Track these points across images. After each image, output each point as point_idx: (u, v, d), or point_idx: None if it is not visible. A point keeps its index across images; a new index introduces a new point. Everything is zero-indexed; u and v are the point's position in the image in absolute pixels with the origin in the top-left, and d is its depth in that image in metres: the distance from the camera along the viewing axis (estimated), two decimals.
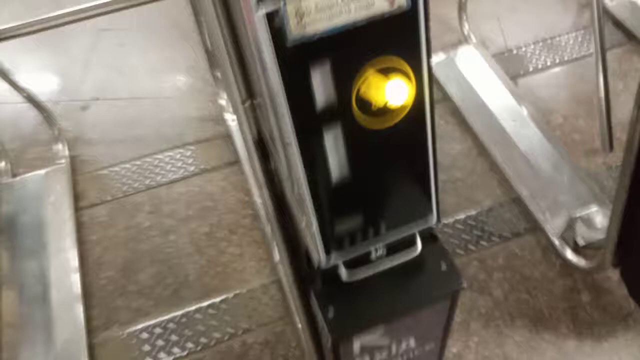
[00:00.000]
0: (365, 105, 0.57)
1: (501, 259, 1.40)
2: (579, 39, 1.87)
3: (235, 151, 1.68)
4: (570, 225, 1.41)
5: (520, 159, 1.55)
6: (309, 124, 0.57)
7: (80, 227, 1.57)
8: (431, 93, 0.59)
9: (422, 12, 0.54)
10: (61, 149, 1.71)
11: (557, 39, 1.87)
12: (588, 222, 1.41)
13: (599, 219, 1.41)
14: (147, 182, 1.65)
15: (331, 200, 0.64)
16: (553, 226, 1.42)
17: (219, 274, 1.45)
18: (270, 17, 0.49)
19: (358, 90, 0.56)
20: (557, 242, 1.39)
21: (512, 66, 1.80)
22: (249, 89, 0.80)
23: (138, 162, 1.70)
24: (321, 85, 0.54)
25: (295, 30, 0.50)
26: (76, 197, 1.63)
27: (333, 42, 0.52)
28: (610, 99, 1.35)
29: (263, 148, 0.83)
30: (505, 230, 1.45)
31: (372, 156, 0.62)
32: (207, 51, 1.77)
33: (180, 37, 2.00)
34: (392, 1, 0.51)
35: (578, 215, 1.41)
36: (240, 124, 0.78)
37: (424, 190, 0.68)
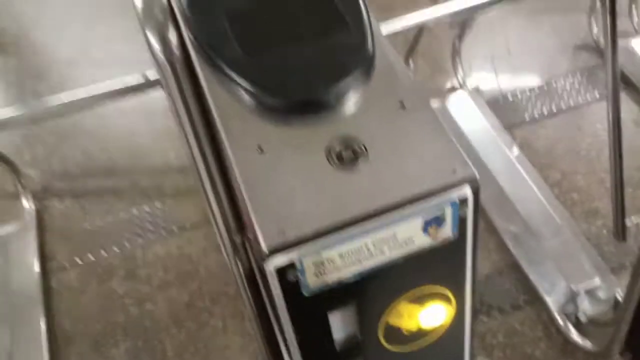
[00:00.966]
0: (393, 332, 0.48)
1: (501, 336, 1.33)
2: (576, 85, 1.80)
3: None
4: (572, 298, 1.34)
5: (518, 221, 1.48)
6: None
7: (48, 295, 1.45)
8: (474, 308, 0.50)
9: (471, 240, 0.44)
10: (27, 203, 1.58)
11: (553, 84, 1.80)
12: (590, 295, 1.35)
13: (601, 292, 1.34)
14: (121, 241, 1.53)
15: None
16: (553, 299, 1.35)
17: (199, 350, 1.35)
18: (283, 272, 0.40)
19: (386, 322, 0.47)
20: (558, 318, 1.32)
21: (507, 115, 1.73)
22: (240, 223, 0.70)
23: (111, 218, 1.58)
24: (342, 326, 0.45)
25: (314, 282, 0.41)
26: (44, 260, 1.50)
27: (360, 285, 0.43)
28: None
29: (255, 284, 0.73)
30: (505, 303, 1.38)
31: None
32: None
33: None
34: (435, 235, 0.42)
35: (579, 288, 1.34)
36: (229, 262, 0.68)
37: None
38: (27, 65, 1.95)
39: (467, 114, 1.69)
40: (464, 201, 0.44)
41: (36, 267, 1.47)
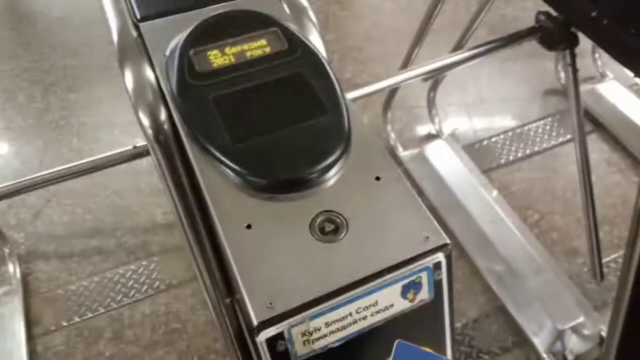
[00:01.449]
0: None
1: None
2: (547, 127, 1.88)
3: None
4: (558, 338, 1.36)
5: (501, 264, 1.51)
6: None
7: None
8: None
9: (447, 299, 0.48)
10: (12, 268, 1.57)
11: (526, 128, 1.88)
12: (575, 333, 1.37)
13: (586, 330, 1.37)
14: (107, 302, 1.52)
15: None
16: (541, 339, 1.37)
17: None
18: (272, 342, 0.43)
19: None
20: (546, 358, 1.34)
21: (483, 159, 1.79)
22: (229, 285, 0.72)
23: (97, 279, 1.57)
24: None
25: (302, 350, 0.44)
26: (29, 324, 1.48)
27: (346, 349, 0.46)
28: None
29: (244, 343, 0.74)
30: (494, 345, 1.39)
31: None
32: None
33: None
34: (414, 298, 0.45)
35: (565, 327, 1.37)
36: (220, 324, 0.69)
37: None
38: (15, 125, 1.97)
39: (445, 160, 1.75)
40: (437, 266, 0.48)
41: (22, 332, 1.45)
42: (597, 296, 1.47)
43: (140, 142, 1.22)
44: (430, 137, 1.83)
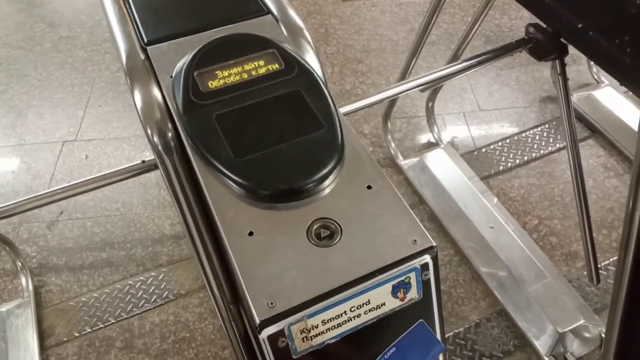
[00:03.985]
0: None
1: None
2: (544, 134, 1.92)
3: None
4: (559, 340, 1.39)
5: (502, 269, 1.54)
6: None
7: None
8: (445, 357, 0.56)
9: (435, 298, 0.52)
10: (24, 281, 1.61)
11: (523, 135, 1.91)
12: (576, 335, 1.40)
13: (586, 332, 1.40)
14: (117, 312, 1.56)
15: None
16: (542, 342, 1.39)
17: None
18: (274, 339, 0.47)
19: None
20: None
21: (482, 166, 1.82)
22: (235, 292, 0.76)
23: (107, 290, 1.61)
24: None
25: (301, 346, 0.48)
26: (42, 335, 1.53)
27: (342, 344, 0.50)
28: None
29: (250, 346, 0.78)
30: (496, 349, 1.42)
31: None
32: None
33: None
34: (404, 298, 0.49)
35: (565, 330, 1.39)
36: (226, 327, 0.73)
37: None
38: (26, 144, 2.03)
39: (445, 168, 1.78)
40: (425, 267, 0.52)
41: (35, 343, 1.49)
42: (597, 299, 1.49)
43: (149, 156, 1.27)
44: (429, 145, 1.87)
